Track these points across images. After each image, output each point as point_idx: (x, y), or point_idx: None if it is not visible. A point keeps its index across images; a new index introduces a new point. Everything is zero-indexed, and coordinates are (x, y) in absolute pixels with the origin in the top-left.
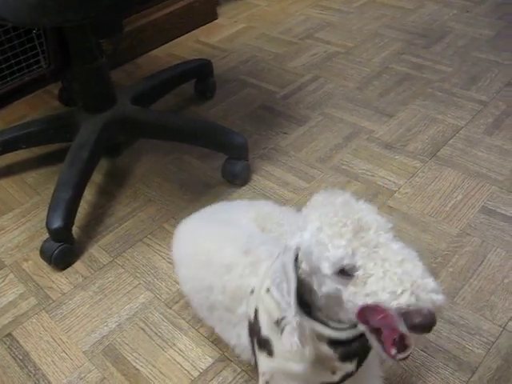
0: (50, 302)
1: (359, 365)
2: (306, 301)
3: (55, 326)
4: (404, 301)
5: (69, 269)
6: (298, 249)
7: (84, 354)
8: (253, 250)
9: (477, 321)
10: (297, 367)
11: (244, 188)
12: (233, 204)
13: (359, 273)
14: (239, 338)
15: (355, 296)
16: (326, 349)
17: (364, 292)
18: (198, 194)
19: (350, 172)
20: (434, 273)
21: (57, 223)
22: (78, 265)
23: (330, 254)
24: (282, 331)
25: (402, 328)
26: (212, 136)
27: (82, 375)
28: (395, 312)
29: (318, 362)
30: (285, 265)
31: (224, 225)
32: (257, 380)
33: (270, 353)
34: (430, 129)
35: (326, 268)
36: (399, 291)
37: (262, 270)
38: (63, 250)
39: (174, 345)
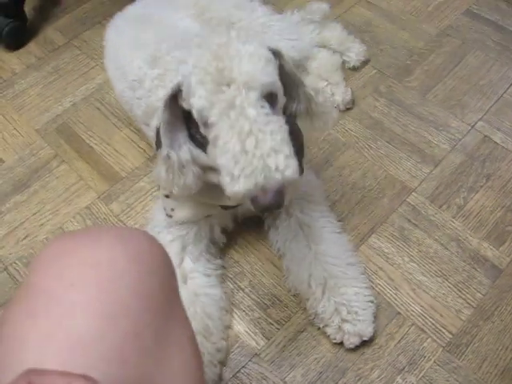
0: (1, 81)
1: None
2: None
3: (6, 105)
4: (241, 187)
5: (21, 49)
6: (180, 84)
7: (36, 132)
8: (159, 60)
9: (446, 118)
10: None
11: None
12: None
13: (213, 132)
14: None
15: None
16: (216, 179)
17: (216, 163)
18: None
19: None
20: (408, 70)
21: None
22: (31, 45)
23: (193, 101)
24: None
25: (253, 209)
26: None
27: (34, 152)
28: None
29: (214, 188)
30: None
31: (142, 27)
32: None
33: None
34: None
35: (195, 114)
36: (236, 174)
37: (169, 81)
38: (14, 27)
39: (130, 124)
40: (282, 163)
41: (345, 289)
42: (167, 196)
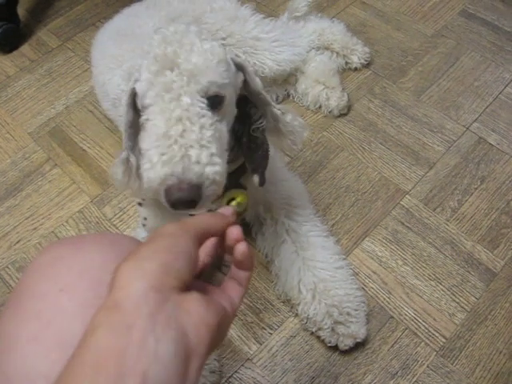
0: None
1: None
2: None
3: None
4: (156, 174)
5: (15, 52)
6: (137, 79)
7: (29, 135)
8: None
9: (441, 119)
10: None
11: None
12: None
13: (145, 115)
14: None
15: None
16: None
17: (141, 147)
18: None
19: None
20: (402, 71)
21: None
22: (24, 48)
23: (137, 86)
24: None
25: (165, 203)
26: None
27: (27, 155)
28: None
29: None
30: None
31: (120, 42)
32: None
33: None
34: None
35: (138, 103)
36: (155, 160)
37: None
38: (7, 29)
39: None
40: (204, 157)
41: (335, 291)
42: (140, 204)
